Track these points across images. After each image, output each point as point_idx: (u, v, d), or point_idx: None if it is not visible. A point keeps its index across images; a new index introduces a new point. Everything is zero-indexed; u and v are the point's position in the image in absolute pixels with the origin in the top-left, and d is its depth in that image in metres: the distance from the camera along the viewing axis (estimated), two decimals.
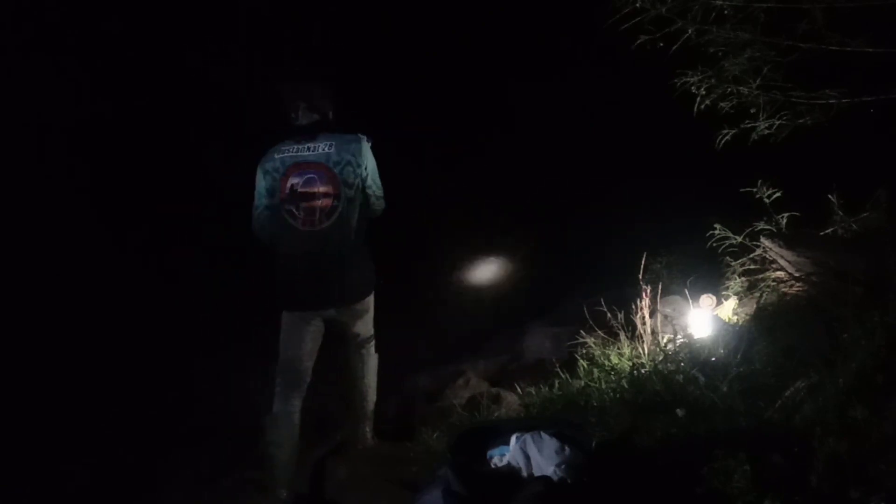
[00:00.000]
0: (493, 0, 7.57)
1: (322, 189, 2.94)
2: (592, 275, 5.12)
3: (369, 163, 3.06)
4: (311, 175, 2.95)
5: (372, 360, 3.31)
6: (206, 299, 5.64)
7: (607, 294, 3.77)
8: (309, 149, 2.99)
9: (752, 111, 3.13)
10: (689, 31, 2.99)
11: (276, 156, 3.01)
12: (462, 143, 7.55)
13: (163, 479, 3.71)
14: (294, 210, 2.95)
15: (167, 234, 6.43)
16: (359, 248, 3.07)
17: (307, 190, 2.94)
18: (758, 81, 3.05)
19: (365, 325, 3.23)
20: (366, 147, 3.05)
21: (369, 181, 3.06)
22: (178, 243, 6.36)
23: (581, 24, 4.07)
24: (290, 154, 3.00)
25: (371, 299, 3.20)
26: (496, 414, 3.38)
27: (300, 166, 2.97)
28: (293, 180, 2.95)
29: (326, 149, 2.98)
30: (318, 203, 2.94)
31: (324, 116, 3.06)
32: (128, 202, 6.59)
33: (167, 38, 6.84)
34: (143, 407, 4.35)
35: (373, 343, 3.30)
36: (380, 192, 3.13)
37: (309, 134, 3.02)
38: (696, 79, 3.13)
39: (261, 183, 3.05)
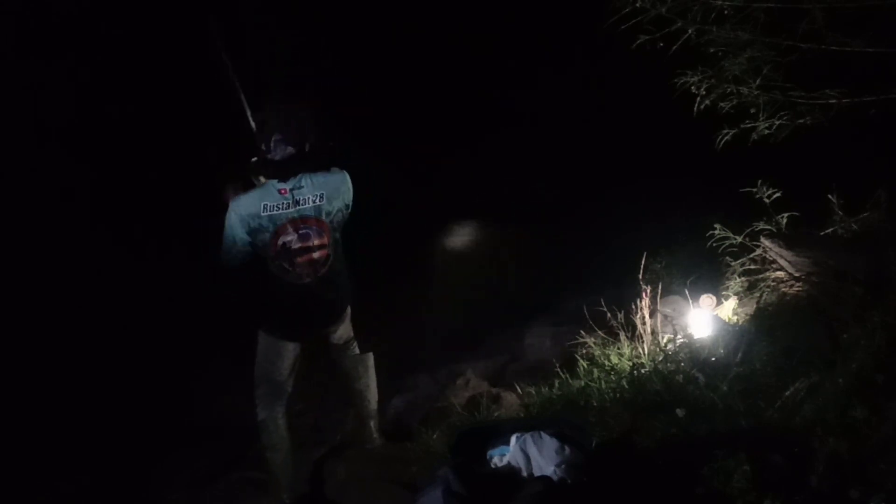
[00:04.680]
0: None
1: (317, 242, 2.82)
2: (592, 275, 5.12)
3: (352, 193, 2.93)
4: (306, 231, 2.79)
5: (364, 359, 3.28)
6: (206, 300, 5.63)
7: (607, 294, 3.77)
8: (297, 202, 2.76)
9: (752, 111, 3.12)
10: (689, 31, 2.99)
11: (262, 213, 2.74)
12: (462, 142, 7.55)
13: (162, 480, 3.71)
14: (286, 265, 2.81)
15: (166, 234, 6.42)
16: (342, 272, 3.00)
17: (302, 245, 2.80)
18: (758, 81, 3.04)
19: (345, 329, 3.21)
20: (349, 181, 2.90)
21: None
22: (176, 244, 6.35)
23: (582, 23, 4.06)
24: (280, 212, 2.76)
25: (349, 309, 3.17)
26: (496, 414, 3.38)
27: (294, 223, 2.77)
28: (285, 238, 2.77)
29: (317, 200, 2.79)
30: (314, 256, 2.83)
31: (301, 149, 2.78)
32: (128, 204, 6.59)
33: (166, 38, 6.83)
34: (142, 407, 4.36)
35: (355, 342, 3.27)
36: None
37: (287, 173, 2.77)
38: (696, 79, 3.13)
39: (237, 231, 2.75)
